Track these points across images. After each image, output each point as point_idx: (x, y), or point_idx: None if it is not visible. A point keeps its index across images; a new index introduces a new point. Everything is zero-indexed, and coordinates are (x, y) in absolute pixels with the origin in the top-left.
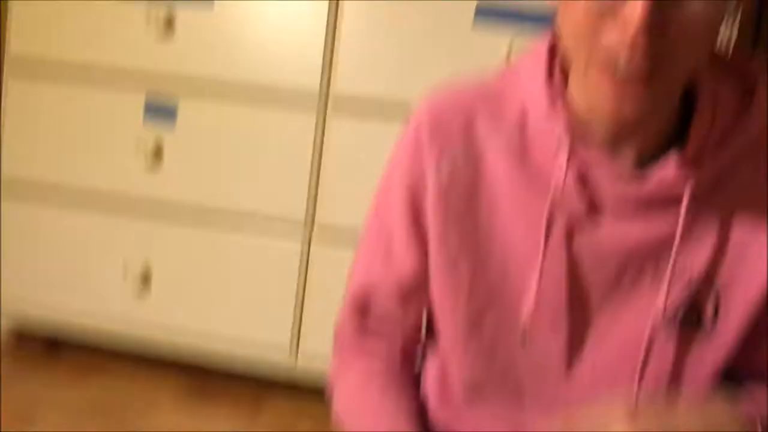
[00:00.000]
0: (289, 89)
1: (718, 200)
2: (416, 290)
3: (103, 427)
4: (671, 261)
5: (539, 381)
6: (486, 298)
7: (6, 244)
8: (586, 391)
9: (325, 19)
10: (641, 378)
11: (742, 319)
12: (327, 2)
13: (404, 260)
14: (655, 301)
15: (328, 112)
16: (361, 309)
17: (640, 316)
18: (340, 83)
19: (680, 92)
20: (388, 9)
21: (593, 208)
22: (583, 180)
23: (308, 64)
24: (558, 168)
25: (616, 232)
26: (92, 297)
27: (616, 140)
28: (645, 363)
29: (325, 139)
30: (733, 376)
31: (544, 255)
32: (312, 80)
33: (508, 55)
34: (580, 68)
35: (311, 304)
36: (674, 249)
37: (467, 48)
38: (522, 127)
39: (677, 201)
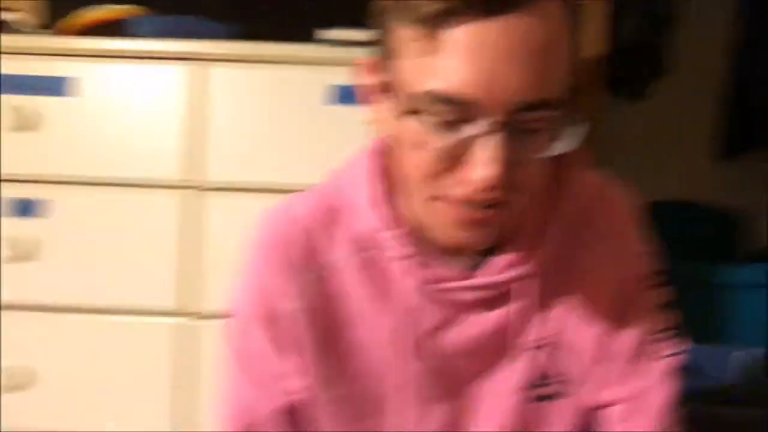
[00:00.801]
0: (154, 179)
1: (553, 280)
2: (300, 414)
3: None
4: (522, 338)
5: None
6: (359, 413)
7: None
8: None
9: (189, 106)
10: None
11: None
12: (187, 95)
13: (285, 386)
14: (514, 376)
15: (197, 199)
16: None
17: (504, 391)
18: (211, 171)
19: None
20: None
21: (447, 308)
22: (432, 287)
23: (173, 153)
24: (406, 276)
25: (471, 323)
26: None
27: (456, 252)
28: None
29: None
30: None
31: (411, 366)
32: (177, 169)
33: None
34: (422, 197)
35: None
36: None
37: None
38: (362, 239)
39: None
